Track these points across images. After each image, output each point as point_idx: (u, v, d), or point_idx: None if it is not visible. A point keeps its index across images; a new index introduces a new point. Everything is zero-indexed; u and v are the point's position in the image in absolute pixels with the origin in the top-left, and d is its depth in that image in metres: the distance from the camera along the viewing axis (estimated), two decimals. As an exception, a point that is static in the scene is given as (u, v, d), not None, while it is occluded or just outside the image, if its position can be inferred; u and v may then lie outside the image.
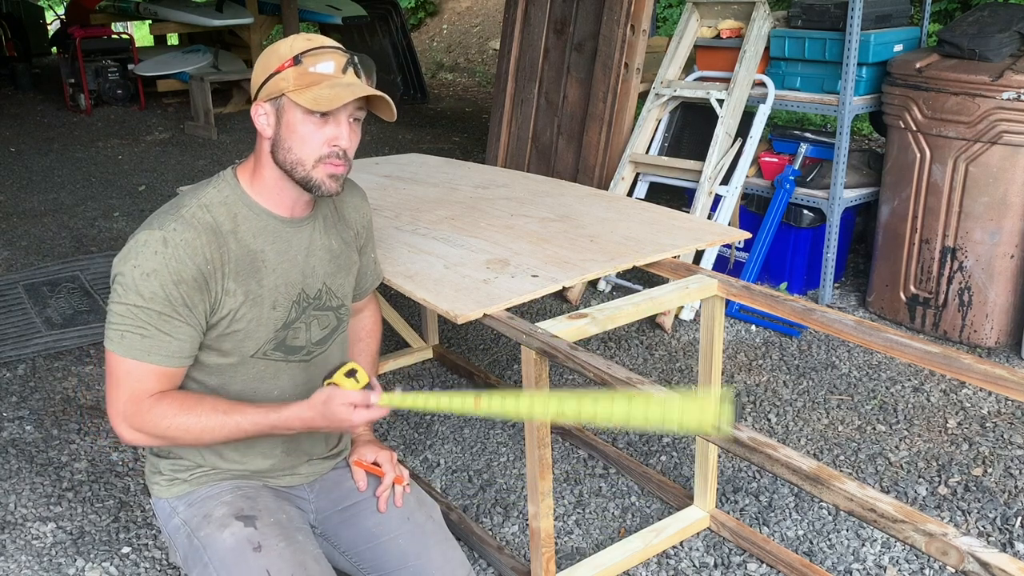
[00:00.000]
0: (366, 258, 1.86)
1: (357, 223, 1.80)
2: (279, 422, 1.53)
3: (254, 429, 1.54)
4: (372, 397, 1.51)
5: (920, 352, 1.69)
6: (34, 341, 3.61)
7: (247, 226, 1.57)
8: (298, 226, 1.63)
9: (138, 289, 1.46)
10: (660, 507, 2.50)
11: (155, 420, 1.51)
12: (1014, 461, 2.62)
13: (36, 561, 2.31)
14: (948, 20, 6.33)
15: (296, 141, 1.52)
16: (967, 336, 3.38)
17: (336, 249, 1.72)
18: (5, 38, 12.08)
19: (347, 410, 1.49)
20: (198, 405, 1.53)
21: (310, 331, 1.67)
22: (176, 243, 1.48)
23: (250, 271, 1.56)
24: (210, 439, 1.54)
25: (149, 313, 1.47)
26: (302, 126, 1.51)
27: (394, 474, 1.76)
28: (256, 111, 1.56)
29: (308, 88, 1.49)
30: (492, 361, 3.44)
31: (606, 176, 4.14)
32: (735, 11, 3.89)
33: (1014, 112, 3.07)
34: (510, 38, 4.66)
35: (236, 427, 1.53)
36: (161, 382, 1.52)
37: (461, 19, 12.30)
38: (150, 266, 1.46)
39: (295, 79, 1.50)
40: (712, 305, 2.13)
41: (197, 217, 1.52)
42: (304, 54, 1.51)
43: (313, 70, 1.49)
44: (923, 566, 2.21)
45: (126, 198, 5.86)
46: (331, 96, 1.47)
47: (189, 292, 1.49)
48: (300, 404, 1.52)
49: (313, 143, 1.52)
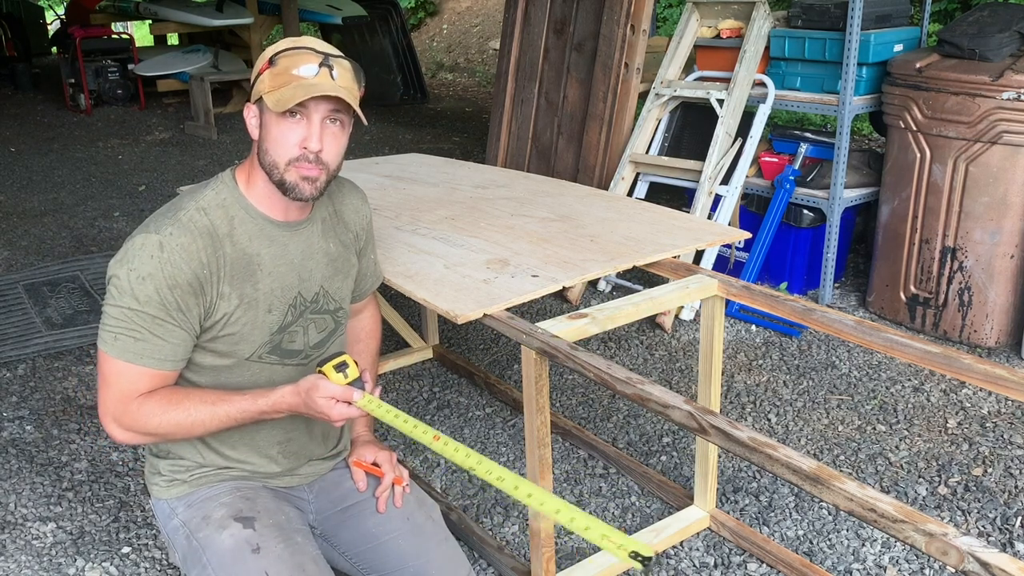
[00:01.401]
0: (366, 260, 1.86)
1: (357, 225, 1.80)
2: (267, 407, 1.54)
3: (244, 416, 1.55)
4: (354, 395, 1.51)
5: (920, 352, 1.69)
6: (34, 341, 3.61)
7: (243, 229, 1.57)
8: (294, 230, 1.63)
9: (133, 292, 1.47)
10: (660, 507, 2.50)
11: (144, 418, 1.51)
12: (1014, 461, 2.62)
13: (36, 561, 2.31)
14: (948, 20, 6.33)
15: (271, 143, 1.52)
16: (967, 336, 3.38)
17: (334, 253, 1.72)
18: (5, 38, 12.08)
19: (327, 403, 1.50)
20: (186, 399, 1.53)
21: (307, 334, 1.67)
22: (172, 248, 1.48)
23: (245, 275, 1.56)
24: (202, 431, 1.55)
25: (143, 316, 1.48)
26: (276, 128, 1.51)
27: (393, 475, 1.76)
28: (246, 113, 1.58)
29: (278, 89, 1.49)
30: (492, 361, 3.44)
31: (606, 176, 4.14)
32: (735, 11, 3.89)
33: (1014, 112, 3.07)
34: (510, 38, 4.66)
35: (226, 416, 1.54)
36: (152, 385, 1.53)
37: (461, 19, 12.30)
38: (146, 270, 1.47)
39: (270, 80, 1.51)
40: (712, 305, 2.13)
41: (194, 221, 1.52)
42: (279, 55, 1.51)
43: (286, 71, 1.50)
44: (923, 566, 2.21)
45: (126, 198, 5.86)
46: (290, 96, 1.47)
47: (184, 296, 1.49)
48: (288, 388, 1.54)
49: (285, 144, 1.51)
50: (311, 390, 1.51)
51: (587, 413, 3.01)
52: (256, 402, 1.54)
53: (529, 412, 1.89)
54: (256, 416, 1.56)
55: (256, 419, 1.57)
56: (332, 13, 8.67)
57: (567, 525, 1.26)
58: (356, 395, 1.52)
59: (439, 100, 9.41)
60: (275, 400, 1.54)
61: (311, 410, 1.52)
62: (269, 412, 1.55)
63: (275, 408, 1.55)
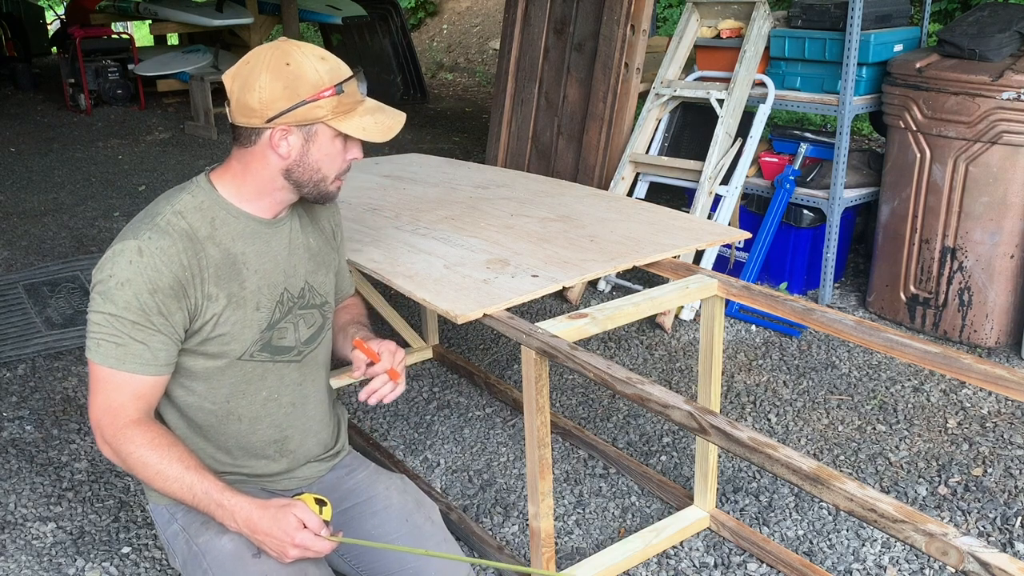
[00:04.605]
0: (343, 259, 1.88)
1: (330, 222, 1.82)
2: (224, 503, 1.48)
3: (201, 498, 1.48)
4: (323, 531, 1.48)
5: (920, 352, 1.69)
6: (34, 341, 3.61)
7: (226, 229, 1.57)
8: (276, 226, 1.64)
9: (113, 298, 1.47)
10: (660, 507, 2.50)
11: (122, 442, 1.50)
12: (1014, 461, 2.62)
13: (36, 561, 2.31)
14: (948, 20, 6.32)
15: (323, 161, 1.55)
16: (967, 336, 3.38)
17: (315, 247, 1.73)
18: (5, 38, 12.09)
19: (296, 525, 1.45)
20: (168, 449, 1.50)
21: (297, 331, 1.68)
22: (151, 252, 1.48)
23: (231, 274, 1.57)
24: (160, 485, 1.50)
25: (123, 322, 1.47)
26: (332, 146, 1.55)
27: (390, 365, 1.67)
28: (280, 136, 1.51)
29: (348, 116, 1.53)
30: (492, 361, 3.44)
31: (606, 176, 4.14)
32: (735, 11, 3.89)
33: (1014, 112, 3.07)
34: (510, 38, 4.66)
35: (188, 488, 1.48)
36: (138, 391, 1.51)
37: (461, 19, 12.30)
38: (124, 275, 1.47)
39: (334, 107, 1.51)
40: (712, 305, 2.13)
41: (172, 224, 1.52)
42: (345, 82, 1.52)
43: (352, 96, 1.54)
44: (923, 566, 2.21)
45: (126, 198, 5.86)
46: (381, 127, 1.54)
47: (165, 300, 1.49)
48: (253, 500, 1.48)
49: (338, 162, 1.58)
50: (285, 507, 1.46)
51: (587, 413, 3.01)
52: (221, 493, 1.48)
53: (529, 412, 1.89)
54: (211, 506, 1.49)
55: (207, 509, 1.50)
56: (332, 13, 8.67)
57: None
58: (324, 531, 1.48)
59: (439, 100, 9.41)
60: (234, 502, 1.47)
61: (273, 527, 1.45)
62: (224, 508, 1.48)
63: (231, 509, 1.47)
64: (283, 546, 1.45)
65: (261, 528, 1.46)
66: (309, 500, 1.51)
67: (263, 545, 1.48)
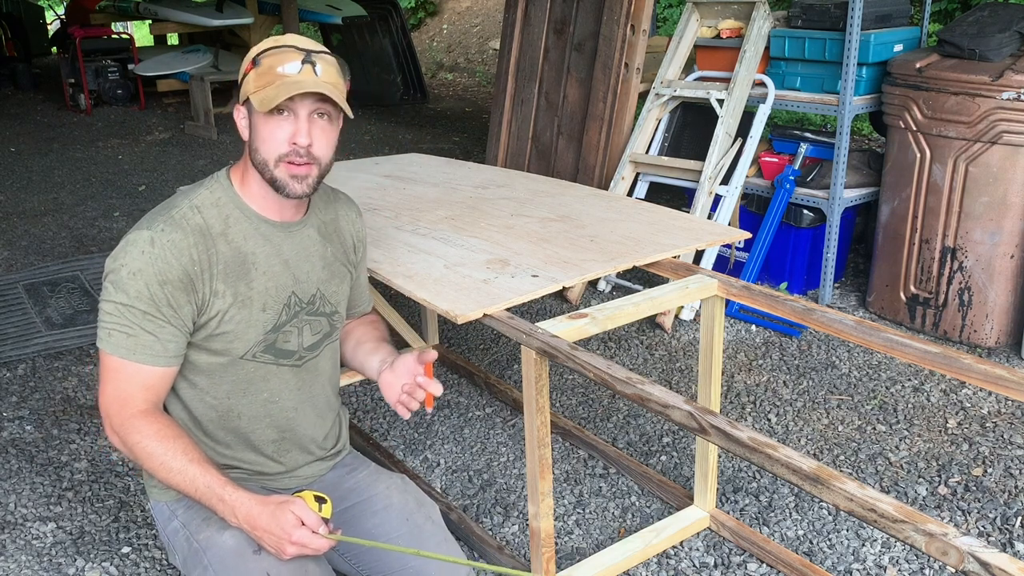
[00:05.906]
0: (363, 274, 1.88)
1: (353, 236, 1.81)
2: (226, 497, 1.48)
3: (203, 491, 1.49)
4: (322, 528, 1.48)
5: (920, 352, 1.69)
6: (34, 341, 3.61)
7: (238, 228, 1.58)
8: (289, 230, 1.65)
9: (124, 288, 1.48)
10: (660, 507, 2.50)
11: (129, 431, 1.51)
12: (1014, 461, 2.62)
13: (36, 561, 2.31)
14: (948, 20, 6.32)
15: (261, 141, 1.54)
16: (967, 336, 3.38)
17: (330, 257, 1.73)
18: (5, 38, 12.08)
19: (294, 522, 1.45)
20: (173, 441, 1.50)
21: (302, 335, 1.68)
22: (163, 243, 1.49)
23: (239, 273, 1.57)
24: (164, 476, 1.50)
25: (134, 312, 1.49)
26: (264, 126, 1.53)
27: (439, 393, 1.68)
28: (236, 115, 1.59)
29: (263, 89, 1.51)
30: (492, 361, 3.44)
31: (606, 176, 4.14)
32: (735, 11, 3.89)
33: (1014, 112, 3.07)
34: (510, 38, 4.66)
35: (191, 480, 1.48)
36: (148, 381, 1.53)
37: (461, 19, 12.30)
38: (136, 265, 1.48)
39: (255, 81, 1.52)
40: (712, 305, 2.13)
41: (187, 218, 1.54)
42: (262, 55, 1.53)
43: (270, 70, 1.51)
44: (923, 566, 2.21)
45: (126, 198, 5.86)
46: (275, 94, 1.48)
47: (174, 292, 1.50)
48: (254, 496, 1.48)
49: (274, 142, 1.53)
50: (284, 504, 1.46)
51: (587, 413, 3.01)
52: (223, 488, 1.48)
53: (529, 412, 1.89)
54: (213, 500, 1.49)
55: (209, 503, 1.50)
56: (332, 13, 8.66)
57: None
58: (323, 529, 1.48)
59: (439, 100, 9.40)
60: (235, 497, 1.47)
61: (271, 523, 1.45)
62: (225, 502, 1.48)
63: (232, 503, 1.47)
64: (280, 543, 1.46)
65: (260, 524, 1.47)
66: (309, 497, 1.52)
67: (261, 541, 1.48)
